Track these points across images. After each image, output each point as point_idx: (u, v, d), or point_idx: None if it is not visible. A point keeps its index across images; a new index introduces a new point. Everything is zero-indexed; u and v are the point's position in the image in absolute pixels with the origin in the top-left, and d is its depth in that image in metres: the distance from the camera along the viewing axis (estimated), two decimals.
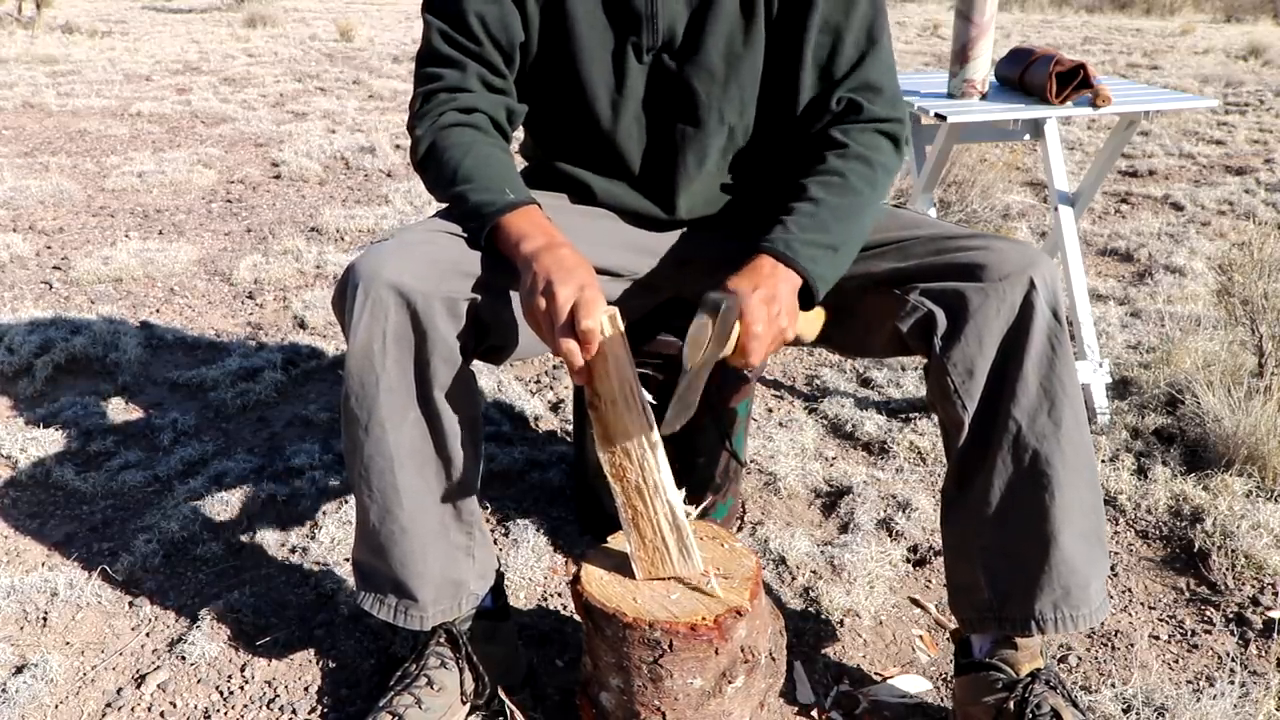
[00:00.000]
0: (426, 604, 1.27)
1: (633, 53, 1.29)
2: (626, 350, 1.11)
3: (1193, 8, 14.25)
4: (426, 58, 1.31)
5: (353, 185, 4.35)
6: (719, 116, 1.32)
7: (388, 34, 10.00)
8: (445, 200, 1.26)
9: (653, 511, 1.17)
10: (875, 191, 1.27)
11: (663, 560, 1.18)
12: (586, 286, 1.07)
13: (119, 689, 1.45)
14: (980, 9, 2.10)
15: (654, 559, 1.18)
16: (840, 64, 1.29)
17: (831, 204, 1.23)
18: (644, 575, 1.19)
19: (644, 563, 1.19)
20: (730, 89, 1.31)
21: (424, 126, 1.27)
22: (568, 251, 1.13)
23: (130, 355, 2.53)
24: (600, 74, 1.30)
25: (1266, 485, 1.92)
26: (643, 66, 1.30)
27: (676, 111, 1.32)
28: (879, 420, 2.22)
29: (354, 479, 1.23)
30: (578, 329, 1.05)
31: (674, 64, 1.29)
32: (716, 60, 1.28)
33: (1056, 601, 1.21)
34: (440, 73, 1.29)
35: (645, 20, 1.27)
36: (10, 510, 1.90)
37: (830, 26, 1.28)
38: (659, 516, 1.17)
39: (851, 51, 1.29)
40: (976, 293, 1.17)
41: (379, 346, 1.14)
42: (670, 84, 1.31)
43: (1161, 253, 3.43)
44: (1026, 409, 1.17)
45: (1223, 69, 7.94)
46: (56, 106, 5.83)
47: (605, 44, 1.29)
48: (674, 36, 1.28)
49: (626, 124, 1.33)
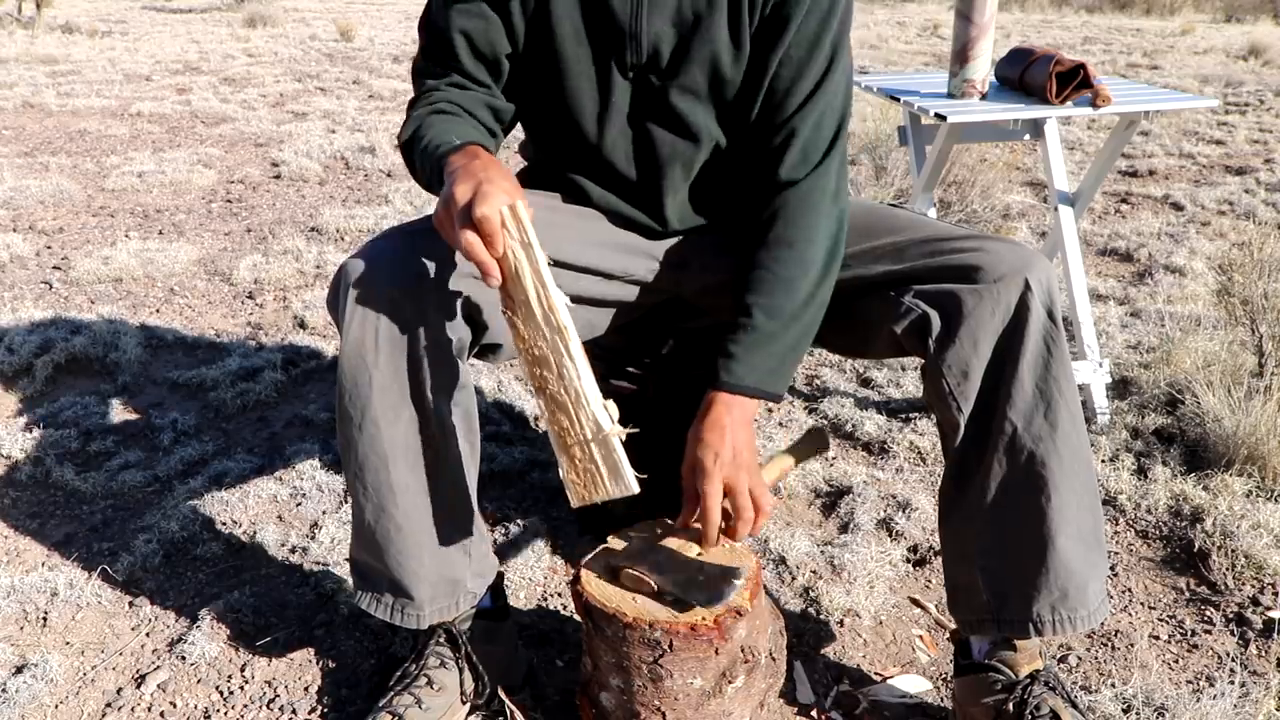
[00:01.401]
0: (423, 603, 1.27)
1: (616, 69, 1.28)
2: (537, 249, 1.06)
3: (1193, 8, 14.25)
4: (417, 72, 1.33)
5: (353, 185, 4.35)
6: (706, 133, 1.31)
7: (388, 34, 10.00)
8: (419, 169, 1.24)
9: (579, 427, 1.08)
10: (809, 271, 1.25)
11: (594, 482, 1.09)
12: (485, 182, 1.04)
13: (119, 689, 1.45)
14: (980, 9, 2.10)
15: (585, 481, 1.10)
16: (791, 100, 1.26)
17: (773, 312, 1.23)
18: (578, 501, 1.11)
19: (577, 486, 1.11)
20: (713, 108, 1.30)
21: (409, 122, 1.28)
22: (481, 160, 1.10)
23: (130, 355, 2.53)
24: (585, 88, 1.29)
25: (1266, 485, 1.92)
26: (627, 83, 1.29)
27: (663, 126, 1.31)
28: (879, 420, 2.22)
29: (349, 478, 1.23)
30: (473, 218, 1.02)
31: (658, 82, 1.28)
32: (701, 81, 1.27)
33: (1054, 604, 1.21)
34: (429, 84, 1.31)
35: (628, 38, 1.26)
36: (10, 510, 1.90)
37: (792, 60, 1.25)
38: (585, 432, 1.08)
39: (805, 86, 1.26)
40: (971, 295, 1.17)
41: (372, 345, 1.15)
42: (655, 101, 1.29)
43: (1161, 253, 3.43)
44: (1022, 411, 1.17)
45: (1223, 69, 7.94)
46: (56, 106, 5.83)
47: (589, 60, 1.28)
48: (659, 55, 1.27)
49: (612, 138, 1.32)
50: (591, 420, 1.08)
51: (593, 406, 1.07)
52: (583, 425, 1.08)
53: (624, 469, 1.09)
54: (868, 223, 1.33)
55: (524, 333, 1.09)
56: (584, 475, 1.10)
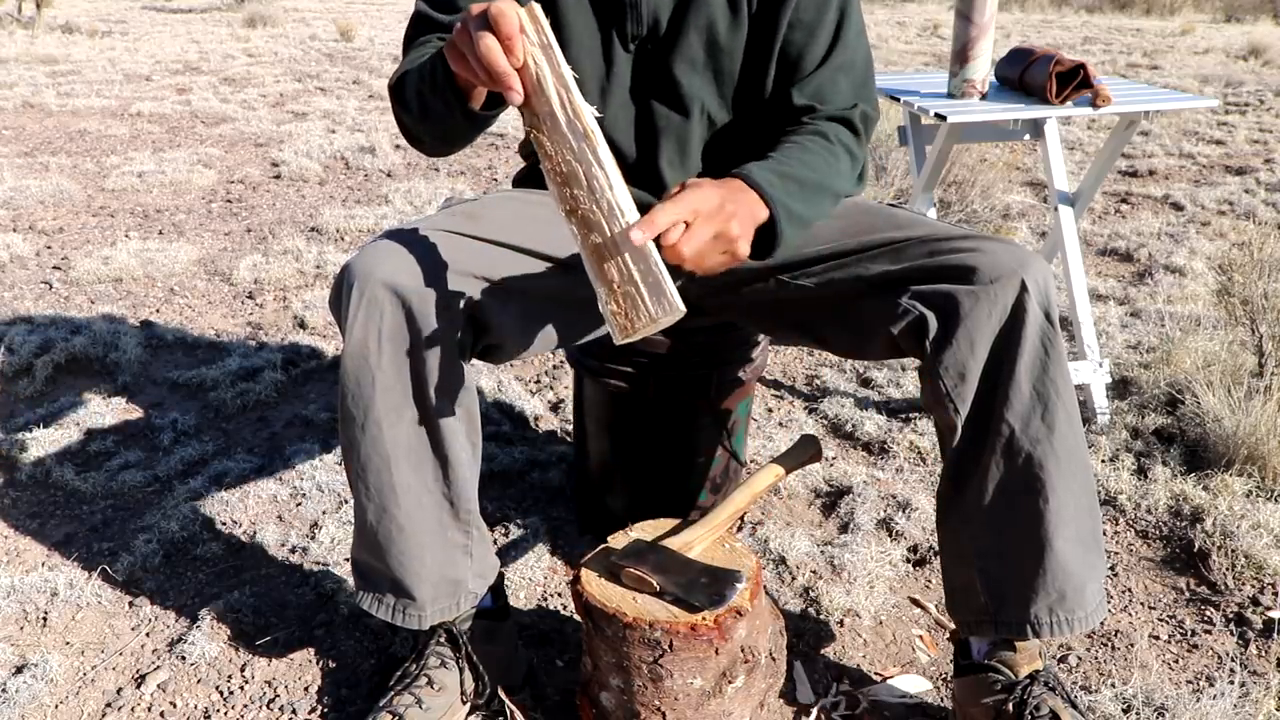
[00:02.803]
0: (425, 603, 1.27)
1: (618, 40, 1.31)
2: (557, 50, 1.02)
3: (1193, 8, 14.24)
4: (413, 25, 1.31)
5: (353, 185, 4.35)
6: (700, 106, 1.33)
7: (388, 34, 10.00)
8: (411, 91, 1.21)
9: (615, 245, 1.02)
10: (835, 162, 1.26)
11: (636, 307, 1.01)
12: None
13: (119, 689, 1.45)
14: (980, 9, 2.10)
15: (628, 309, 1.02)
16: (806, 62, 1.30)
17: (795, 157, 1.22)
18: (621, 336, 1.03)
19: (618, 317, 1.02)
20: (711, 79, 1.32)
21: (400, 67, 1.25)
22: None
23: (130, 355, 2.53)
24: (589, 60, 1.31)
25: (1266, 485, 1.92)
26: (628, 54, 1.31)
27: (660, 99, 1.33)
28: (879, 420, 2.22)
29: (351, 478, 1.23)
30: (489, 19, 0.97)
31: (658, 53, 1.31)
32: (698, 50, 1.30)
33: (1052, 605, 1.21)
34: (425, 37, 1.29)
35: (629, 9, 1.29)
36: (10, 510, 1.90)
37: (803, 24, 1.29)
38: (622, 248, 1.02)
39: (818, 50, 1.30)
40: (968, 296, 1.17)
41: (374, 345, 1.15)
42: (654, 72, 1.32)
43: (1161, 253, 3.43)
44: (1019, 412, 1.17)
45: (1223, 69, 7.94)
46: (56, 106, 5.83)
47: (592, 31, 1.30)
48: (658, 25, 1.30)
49: (614, 111, 1.34)
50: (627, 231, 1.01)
51: (628, 217, 1.02)
52: (619, 243, 1.01)
53: (666, 284, 1.01)
54: (867, 222, 1.33)
55: (549, 149, 1.03)
56: (625, 302, 1.02)
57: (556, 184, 1.04)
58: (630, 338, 1.03)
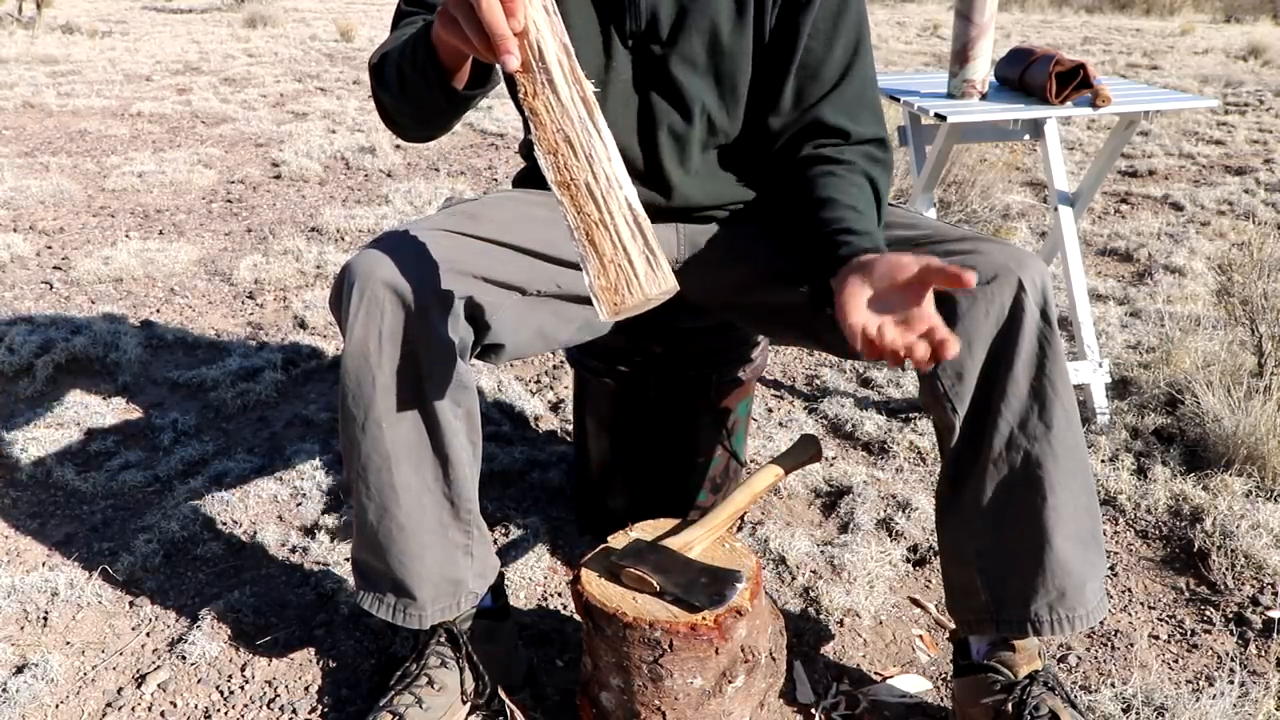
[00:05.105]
0: (425, 603, 1.27)
1: (617, 36, 1.30)
2: (559, 19, 1.00)
3: (1193, 8, 14.25)
4: (400, 5, 1.28)
5: (353, 185, 4.35)
6: (700, 106, 1.32)
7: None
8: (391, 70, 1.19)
9: (609, 216, 0.99)
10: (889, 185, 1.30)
11: (628, 280, 0.99)
12: None
13: (119, 689, 1.45)
14: (980, 9, 2.10)
15: (618, 282, 0.99)
16: (827, 71, 1.29)
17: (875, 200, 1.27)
18: (609, 311, 0.99)
19: (608, 292, 0.99)
20: (712, 81, 1.31)
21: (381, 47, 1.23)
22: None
23: (130, 355, 2.53)
24: (589, 54, 1.30)
25: (1266, 485, 1.92)
26: (628, 51, 1.30)
27: (660, 97, 1.32)
28: (879, 420, 2.22)
29: (352, 478, 1.23)
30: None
31: (658, 51, 1.30)
32: (699, 51, 1.29)
33: (1052, 603, 1.21)
34: (411, 17, 1.26)
35: (627, 6, 1.27)
36: (10, 510, 1.90)
37: (820, 32, 1.28)
38: (616, 220, 0.99)
39: (836, 67, 1.29)
40: (964, 296, 1.17)
41: (375, 345, 1.15)
42: (654, 69, 1.31)
43: (1161, 253, 3.43)
44: (1017, 411, 1.17)
45: (1223, 69, 7.94)
46: (56, 106, 5.83)
47: (591, 25, 1.29)
48: (657, 22, 1.28)
49: (615, 107, 1.32)
50: (623, 205, 0.99)
51: (625, 190, 0.99)
52: (613, 214, 0.99)
53: (660, 258, 0.99)
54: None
55: (544, 118, 0.99)
56: (616, 275, 0.98)
57: (549, 153, 1.01)
58: (619, 315, 1.00)
